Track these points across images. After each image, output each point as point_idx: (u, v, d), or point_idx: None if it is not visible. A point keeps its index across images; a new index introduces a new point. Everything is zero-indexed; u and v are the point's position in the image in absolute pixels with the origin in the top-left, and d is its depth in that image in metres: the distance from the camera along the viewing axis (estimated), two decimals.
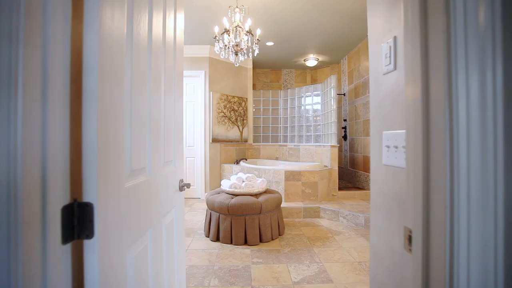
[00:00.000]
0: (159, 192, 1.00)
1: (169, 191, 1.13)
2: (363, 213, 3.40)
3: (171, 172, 1.16)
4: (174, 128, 1.21)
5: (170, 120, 1.15)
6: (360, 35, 4.52)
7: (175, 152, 1.22)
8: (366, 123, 4.74)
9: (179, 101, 1.29)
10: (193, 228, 3.36)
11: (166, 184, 1.09)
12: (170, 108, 1.15)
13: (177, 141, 1.25)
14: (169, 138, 1.14)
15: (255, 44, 2.67)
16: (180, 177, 1.29)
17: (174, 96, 1.21)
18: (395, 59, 0.87)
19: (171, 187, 1.17)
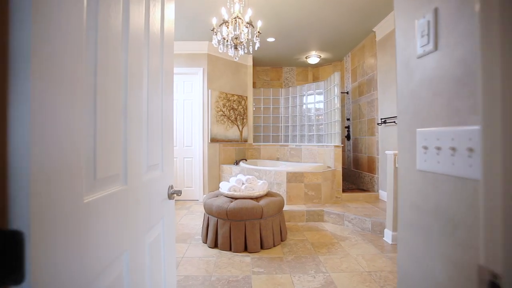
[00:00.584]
0: (141, 203, 0.82)
1: (155, 201, 0.95)
2: (369, 217, 3.22)
3: (157, 178, 0.97)
4: (162, 128, 1.03)
5: (156, 119, 0.97)
6: (364, 30, 4.33)
7: (162, 155, 1.03)
8: (370, 122, 4.55)
9: (169, 99, 1.10)
10: (190, 233, 3.17)
11: (150, 193, 0.90)
12: (156, 106, 0.97)
13: (166, 142, 1.07)
14: (155, 139, 0.95)
15: (256, 37, 2.49)
16: (169, 183, 1.10)
17: (161, 93, 1.03)
18: (436, 38, 0.68)
19: (158, 195, 0.98)
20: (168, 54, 1.10)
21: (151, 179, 0.91)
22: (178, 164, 4.84)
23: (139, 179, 0.81)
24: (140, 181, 0.82)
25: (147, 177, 0.88)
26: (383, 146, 4.15)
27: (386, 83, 4.03)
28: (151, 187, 0.91)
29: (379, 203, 3.97)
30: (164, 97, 1.06)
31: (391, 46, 3.86)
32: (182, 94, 4.85)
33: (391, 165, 2.85)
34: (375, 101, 4.38)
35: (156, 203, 0.96)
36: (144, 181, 0.85)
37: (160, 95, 1.02)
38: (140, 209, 0.81)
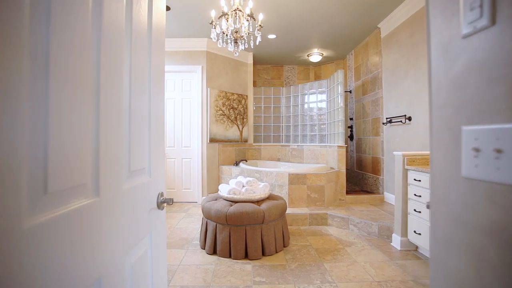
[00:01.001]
0: (120, 217, 0.67)
1: (140, 212, 0.80)
2: (375, 221, 3.07)
3: (144, 185, 0.82)
4: (150, 128, 0.89)
5: (142, 118, 0.82)
6: (368, 26, 4.18)
7: (150, 158, 0.88)
8: (375, 121, 4.40)
9: (159, 97, 0.96)
10: (188, 238, 3.02)
11: (134, 203, 0.75)
12: (142, 104, 0.83)
13: (156, 143, 0.92)
14: (141, 140, 0.81)
15: (257, 30, 2.34)
16: (159, 190, 0.95)
17: (149, 90, 0.89)
18: (493, 9, 0.53)
19: (145, 205, 0.83)
20: (158, 48, 0.95)
21: (134, 186, 0.76)
22: (176, 165, 4.69)
23: (118, 188, 0.66)
24: (118, 190, 0.66)
25: (130, 185, 0.73)
26: (388, 147, 4.00)
27: (392, 82, 3.88)
28: (135, 196, 0.76)
29: (384, 205, 3.82)
30: (154, 94, 0.92)
31: (398, 43, 3.71)
32: (180, 93, 4.70)
33: (400, 166, 2.70)
34: (380, 100, 4.23)
35: (142, 215, 0.81)
36: (124, 190, 0.70)
37: (147, 92, 0.87)
38: (119, 224, 0.66)
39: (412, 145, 3.42)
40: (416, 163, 2.64)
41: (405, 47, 3.54)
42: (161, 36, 0.98)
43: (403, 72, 3.59)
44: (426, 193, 2.32)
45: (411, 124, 3.42)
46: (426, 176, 2.32)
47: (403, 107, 3.60)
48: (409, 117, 3.45)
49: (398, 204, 2.73)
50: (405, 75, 3.55)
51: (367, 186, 4.65)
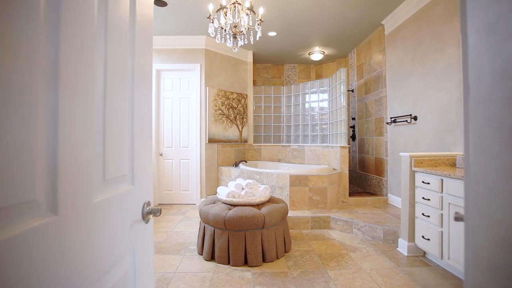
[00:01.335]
0: (88, 237, 0.54)
1: (119, 227, 0.67)
2: (380, 225, 2.94)
3: (124, 194, 0.70)
4: (134, 129, 0.76)
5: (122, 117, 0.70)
6: (372, 23, 4.06)
7: (134, 163, 0.76)
8: (378, 121, 4.28)
9: (144, 94, 0.84)
10: (185, 242, 2.89)
11: (110, 217, 0.63)
12: (122, 103, 0.70)
13: (140, 146, 0.80)
14: (120, 143, 0.68)
15: (257, 25, 2.21)
16: (145, 199, 0.83)
17: (132, 87, 0.77)
18: None
19: (126, 217, 0.71)
20: (143, 43, 0.83)
21: (111, 197, 0.64)
22: (174, 166, 4.56)
23: (86, 202, 0.54)
24: (87, 204, 0.54)
25: (104, 196, 0.61)
26: (392, 147, 3.88)
27: (396, 80, 3.76)
28: (111, 208, 0.63)
29: (388, 208, 3.70)
30: (138, 92, 0.80)
31: (402, 40, 3.59)
32: (178, 92, 4.57)
33: (407, 168, 2.57)
34: (384, 99, 4.11)
35: (122, 230, 0.69)
36: (96, 203, 0.57)
37: (130, 90, 0.75)
38: (87, 246, 0.54)
39: (418, 146, 3.29)
40: (424, 164, 2.52)
41: (411, 44, 3.42)
42: (147, 29, 0.86)
43: (408, 70, 3.47)
44: (436, 197, 2.20)
45: (417, 124, 3.30)
46: (436, 179, 2.20)
47: (408, 106, 3.47)
48: (415, 116, 3.32)
49: (404, 207, 2.60)
50: (411, 73, 3.42)
51: (370, 188, 4.53)
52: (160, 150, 4.56)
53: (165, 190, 4.57)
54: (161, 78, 4.55)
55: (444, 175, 2.09)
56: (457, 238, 1.98)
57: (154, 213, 0.82)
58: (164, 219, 3.71)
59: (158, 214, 0.82)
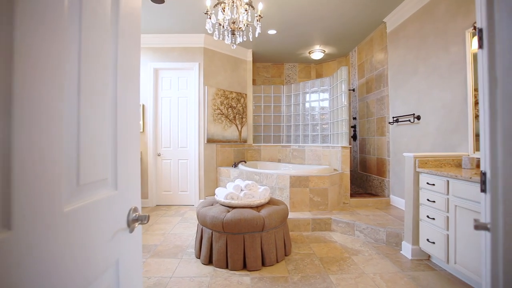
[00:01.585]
0: (55, 254, 0.46)
1: (99, 237, 0.60)
2: (383, 227, 2.87)
3: (104, 201, 0.62)
4: (117, 127, 0.69)
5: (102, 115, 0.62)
6: (373, 21, 3.98)
7: (117, 165, 0.68)
8: (380, 121, 4.20)
9: (130, 89, 0.76)
10: (182, 245, 2.81)
11: (85, 228, 0.55)
12: (102, 98, 0.63)
13: (125, 146, 0.72)
14: (100, 143, 0.60)
15: (257, 21, 2.13)
16: (131, 205, 0.75)
17: (116, 81, 0.69)
18: None
19: (107, 226, 0.63)
20: (128, 33, 0.76)
21: (87, 205, 0.56)
22: (172, 167, 4.49)
23: (52, 213, 0.46)
24: (54, 215, 0.46)
25: (78, 204, 0.53)
26: (395, 147, 3.80)
27: (399, 79, 3.68)
28: (87, 217, 0.56)
29: (391, 209, 3.62)
30: (122, 85, 0.72)
31: (405, 38, 3.51)
32: (176, 91, 4.50)
33: (410, 169, 2.50)
34: (386, 98, 4.03)
35: (102, 241, 0.61)
36: (67, 213, 0.49)
37: (112, 83, 0.68)
38: (52, 264, 0.46)
39: (421, 146, 3.22)
40: (428, 165, 2.44)
41: (414, 42, 3.34)
42: (133, 19, 0.78)
43: (411, 68, 3.39)
44: (442, 199, 2.12)
45: (420, 124, 3.22)
46: (442, 180, 2.12)
47: (411, 106, 3.40)
48: (418, 116, 3.25)
49: (408, 209, 2.53)
50: (414, 71, 3.35)
51: (371, 189, 4.45)
52: (158, 150, 4.48)
53: (163, 191, 4.49)
54: (159, 77, 4.48)
55: (450, 176, 2.02)
56: (464, 242, 1.90)
57: (141, 220, 0.74)
58: (162, 221, 3.63)
59: (145, 221, 0.74)
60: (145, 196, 4.41)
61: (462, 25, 2.54)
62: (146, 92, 4.41)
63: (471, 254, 1.82)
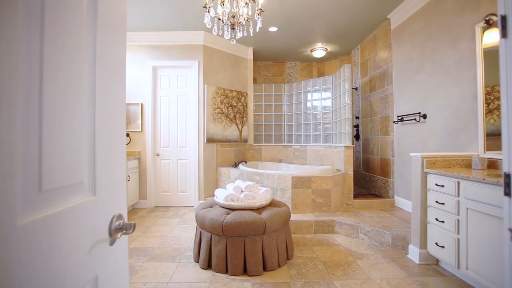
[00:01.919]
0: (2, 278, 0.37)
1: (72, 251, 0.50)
2: (389, 230, 2.77)
3: (78, 209, 0.53)
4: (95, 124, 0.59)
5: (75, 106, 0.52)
6: (377, 18, 3.88)
7: (95, 166, 0.59)
8: (384, 120, 4.10)
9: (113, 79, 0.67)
10: (181, 248, 2.72)
11: (50, 242, 0.46)
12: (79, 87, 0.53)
13: (107, 144, 0.62)
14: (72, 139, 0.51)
15: (257, 15, 2.04)
16: (115, 211, 0.66)
17: (92, 73, 0.60)
18: None
19: (83, 237, 0.54)
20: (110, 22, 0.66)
21: (55, 214, 0.47)
22: (171, 167, 4.40)
23: (2, 227, 0.36)
24: (7, 230, 0.37)
25: (42, 213, 0.44)
26: (399, 147, 3.70)
27: (404, 76, 3.58)
28: (55, 229, 0.47)
29: (395, 211, 3.52)
30: (102, 77, 0.63)
31: (410, 34, 3.41)
32: (175, 90, 4.41)
33: (418, 169, 2.40)
34: (390, 97, 3.93)
35: (75, 255, 0.52)
36: (23, 226, 0.40)
37: (88, 74, 0.58)
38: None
39: (427, 146, 3.12)
40: (436, 165, 2.34)
41: (419, 39, 3.24)
42: (117, 4, 0.69)
43: (417, 66, 3.29)
44: (452, 201, 2.02)
45: (426, 123, 3.12)
46: (452, 181, 2.02)
47: (417, 104, 3.30)
48: (424, 114, 3.14)
49: (415, 211, 2.43)
50: (419, 69, 3.24)
51: (375, 189, 4.35)
52: (157, 150, 4.39)
53: (161, 192, 4.40)
54: (157, 75, 4.39)
55: (461, 178, 1.92)
56: (477, 246, 1.80)
57: (126, 229, 0.65)
58: (160, 223, 3.54)
59: (130, 230, 0.65)
60: (143, 197, 4.32)
61: (472, 20, 2.44)
62: (145, 91, 4.32)
63: (486, 259, 1.72)
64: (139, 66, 4.31)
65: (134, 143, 4.33)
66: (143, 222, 3.56)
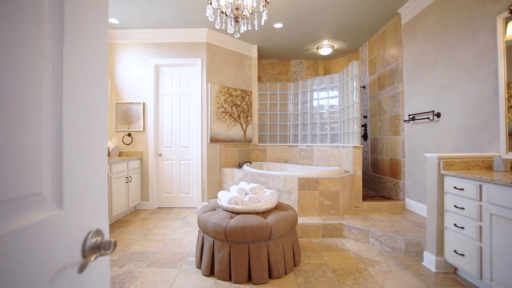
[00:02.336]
0: None
1: (26, 283, 0.38)
2: (401, 235, 2.62)
3: (36, 227, 0.41)
4: (62, 123, 0.47)
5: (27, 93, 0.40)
6: (387, 13, 3.73)
7: (63, 171, 0.46)
8: (394, 119, 3.94)
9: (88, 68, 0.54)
10: (182, 253, 2.61)
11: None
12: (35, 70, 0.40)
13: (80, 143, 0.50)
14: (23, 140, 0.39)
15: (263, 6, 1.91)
16: (90, 227, 0.53)
17: (58, 50, 0.46)
18: None
19: (46, 261, 0.42)
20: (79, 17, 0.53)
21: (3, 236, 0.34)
22: (173, 168, 4.29)
23: None
24: None
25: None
26: (411, 147, 3.54)
27: (416, 73, 3.42)
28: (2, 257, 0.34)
29: (407, 214, 3.36)
30: (71, 51, 0.50)
31: (423, 28, 3.25)
32: (178, 88, 4.30)
33: (434, 171, 2.24)
34: (400, 95, 3.77)
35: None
36: None
37: (57, 70, 0.45)
38: None
39: (441, 146, 2.95)
40: (454, 167, 2.19)
41: (433, 33, 3.08)
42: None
43: (430, 61, 3.13)
44: (473, 206, 1.87)
45: (441, 121, 2.96)
46: (473, 184, 1.87)
47: (430, 102, 3.13)
48: (438, 113, 2.98)
49: (431, 216, 2.27)
50: (433, 64, 3.08)
51: (384, 191, 4.18)
52: (159, 150, 4.29)
53: (164, 193, 4.30)
54: (160, 74, 4.29)
55: (484, 181, 1.76)
56: (503, 256, 1.64)
57: (103, 248, 0.52)
58: (162, 225, 3.44)
59: (109, 250, 0.52)
60: (145, 198, 4.22)
61: (493, 10, 2.28)
62: (147, 90, 4.22)
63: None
64: (141, 65, 4.22)
65: (136, 143, 4.23)
66: (145, 225, 3.45)
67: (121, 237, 3.01)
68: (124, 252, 2.62)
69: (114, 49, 4.23)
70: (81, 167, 0.52)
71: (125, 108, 4.20)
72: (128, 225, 3.45)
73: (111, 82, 4.21)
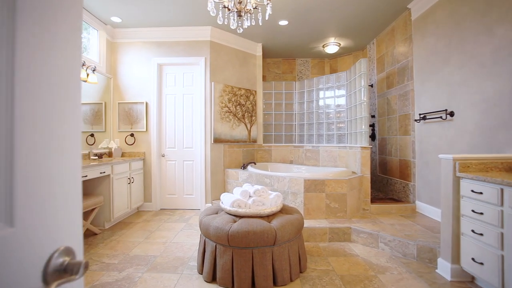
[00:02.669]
0: None
1: None
2: (413, 240, 2.48)
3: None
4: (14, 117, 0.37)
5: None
6: (396, 8, 3.59)
7: (12, 183, 0.37)
8: (403, 118, 3.80)
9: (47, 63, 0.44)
10: (184, 257, 2.52)
11: None
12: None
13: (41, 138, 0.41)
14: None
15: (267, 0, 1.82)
16: (55, 245, 0.44)
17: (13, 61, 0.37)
18: None
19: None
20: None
21: None
22: (177, 168, 4.22)
23: None
24: None
25: None
26: (421, 148, 3.39)
27: (427, 70, 3.27)
28: None
29: (417, 217, 3.22)
30: (28, 59, 0.41)
31: (435, 24, 3.11)
32: (181, 88, 4.23)
33: (449, 173, 2.11)
34: (410, 93, 3.63)
35: None
36: None
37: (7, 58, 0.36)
38: None
39: (454, 146, 2.81)
40: (471, 169, 2.05)
41: (445, 28, 2.94)
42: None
43: (442, 58, 2.99)
44: (493, 211, 1.74)
45: (454, 121, 2.82)
46: (493, 188, 1.74)
47: (442, 100, 2.99)
48: (451, 112, 2.84)
49: (446, 221, 2.14)
50: (445, 61, 2.94)
51: (393, 193, 4.04)
52: (162, 151, 4.22)
53: (167, 194, 4.23)
54: (163, 73, 4.22)
55: (506, 184, 1.63)
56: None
57: (70, 272, 0.43)
58: (164, 227, 3.36)
59: (77, 275, 0.43)
60: (148, 199, 4.16)
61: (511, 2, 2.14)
62: (150, 89, 4.16)
63: None
64: (143, 64, 4.16)
65: (139, 144, 4.17)
66: (147, 227, 3.38)
67: (123, 240, 2.94)
68: (124, 255, 2.55)
69: (117, 48, 4.18)
70: (43, 174, 0.42)
71: (127, 108, 4.15)
72: (130, 227, 3.38)
73: (114, 81, 4.16)
